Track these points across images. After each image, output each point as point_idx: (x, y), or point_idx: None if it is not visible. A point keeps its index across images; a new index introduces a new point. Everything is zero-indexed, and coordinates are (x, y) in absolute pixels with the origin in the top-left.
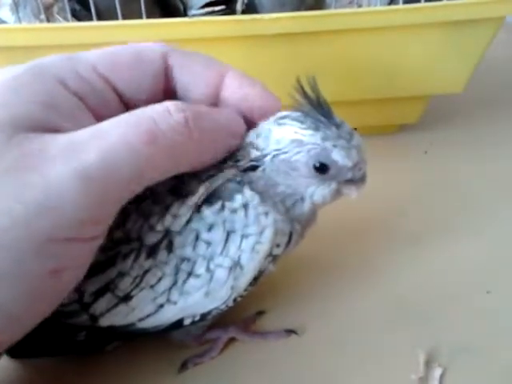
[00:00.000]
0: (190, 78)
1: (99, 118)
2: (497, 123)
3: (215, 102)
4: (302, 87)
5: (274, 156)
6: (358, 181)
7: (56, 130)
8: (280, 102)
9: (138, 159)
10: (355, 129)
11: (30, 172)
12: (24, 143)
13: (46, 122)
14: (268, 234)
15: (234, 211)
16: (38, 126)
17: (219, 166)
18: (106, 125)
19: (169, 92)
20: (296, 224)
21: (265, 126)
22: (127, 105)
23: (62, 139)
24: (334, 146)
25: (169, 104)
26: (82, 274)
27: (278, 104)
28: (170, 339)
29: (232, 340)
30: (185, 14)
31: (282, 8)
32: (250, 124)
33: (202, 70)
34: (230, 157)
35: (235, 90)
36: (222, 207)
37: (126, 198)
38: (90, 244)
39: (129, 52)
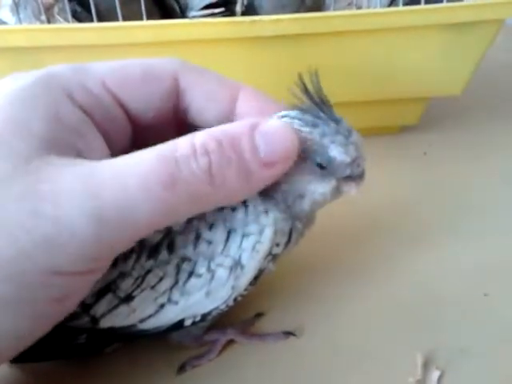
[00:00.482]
0: (204, 99)
1: (105, 132)
2: (496, 125)
3: (229, 120)
4: (303, 83)
5: None
6: (356, 177)
7: (67, 147)
8: None
9: (154, 204)
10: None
11: (44, 202)
12: (40, 170)
13: (56, 139)
14: (268, 233)
15: (234, 210)
16: (50, 144)
17: None
18: (127, 163)
19: (179, 111)
20: (297, 222)
21: None
22: (134, 121)
23: (79, 171)
24: (332, 142)
25: (196, 141)
26: (84, 296)
27: None
28: (168, 341)
29: (230, 342)
30: (181, 15)
31: (281, 10)
32: None
33: (216, 90)
34: None
35: (250, 109)
36: (223, 206)
37: (138, 239)
38: (95, 275)
39: (139, 68)
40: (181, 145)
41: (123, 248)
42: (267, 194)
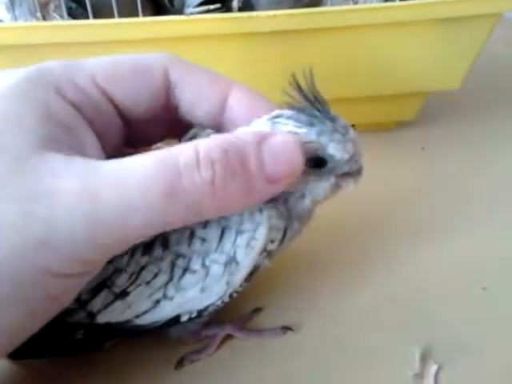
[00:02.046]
0: (195, 94)
1: (97, 128)
2: (494, 119)
3: (220, 118)
4: (296, 82)
5: None
6: (354, 173)
7: (60, 143)
8: None
9: (152, 212)
10: (353, 125)
11: (36, 203)
12: (36, 169)
13: (48, 136)
14: (262, 230)
15: None
16: (44, 141)
17: None
18: (126, 167)
19: (170, 107)
20: (295, 222)
21: (259, 127)
22: (125, 117)
23: (77, 170)
24: (330, 140)
25: (201, 149)
26: (80, 291)
27: None
28: (166, 336)
29: (228, 337)
30: (171, 8)
31: (278, 6)
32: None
33: (207, 86)
34: None
35: (241, 108)
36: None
37: (131, 244)
38: (90, 275)
39: (129, 63)
40: (184, 152)
41: (117, 252)
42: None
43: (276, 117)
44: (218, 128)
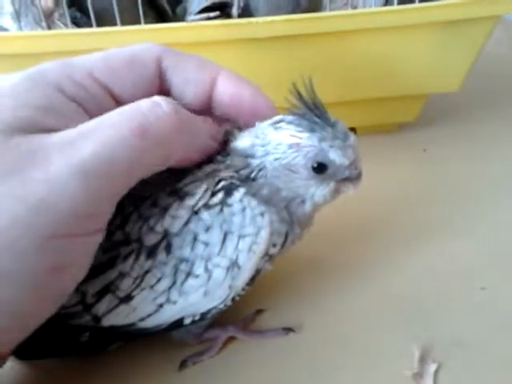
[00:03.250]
0: (183, 79)
1: None
2: (495, 121)
3: (208, 102)
4: (297, 90)
5: (273, 162)
6: (354, 178)
7: (55, 131)
8: (273, 103)
9: (131, 152)
10: (354, 128)
11: (31, 169)
12: (23, 143)
13: (44, 125)
14: (264, 234)
15: (231, 213)
16: (36, 128)
17: (214, 170)
18: (99, 120)
19: (164, 94)
20: (296, 227)
21: (260, 131)
22: None
23: (58, 136)
24: (331, 146)
25: (157, 97)
26: (83, 273)
27: (269, 105)
28: (170, 338)
29: (231, 338)
30: (173, 15)
31: (277, 12)
32: (241, 126)
33: (195, 72)
34: (225, 163)
35: (227, 91)
36: (220, 209)
37: (121, 191)
38: (89, 240)
39: (123, 56)
40: (142, 102)
41: (111, 203)
42: (269, 202)
43: (277, 122)
44: (206, 112)
